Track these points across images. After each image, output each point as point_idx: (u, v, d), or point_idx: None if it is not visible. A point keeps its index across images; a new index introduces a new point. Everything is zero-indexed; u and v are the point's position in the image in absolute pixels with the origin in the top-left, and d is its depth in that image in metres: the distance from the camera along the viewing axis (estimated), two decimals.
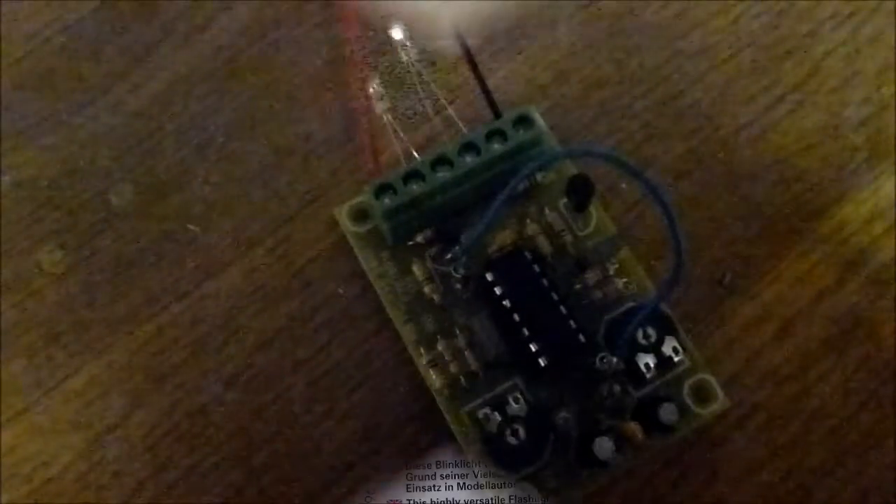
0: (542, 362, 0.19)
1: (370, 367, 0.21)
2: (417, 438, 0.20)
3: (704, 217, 0.22)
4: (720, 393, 0.20)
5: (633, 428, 0.19)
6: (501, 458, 0.19)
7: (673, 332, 0.20)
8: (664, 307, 0.20)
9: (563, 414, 0.20)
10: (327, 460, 0.20)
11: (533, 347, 0.19)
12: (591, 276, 0.21)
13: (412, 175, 0.20)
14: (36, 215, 0.22)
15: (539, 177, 0.22)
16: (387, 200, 0.20)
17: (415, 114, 0.22)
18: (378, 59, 0.23)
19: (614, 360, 0.19)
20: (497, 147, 0.20)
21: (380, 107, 0.22)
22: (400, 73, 0.22)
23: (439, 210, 0.21)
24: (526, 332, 0.20)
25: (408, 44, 0.23)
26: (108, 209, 0.22)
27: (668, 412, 0.19)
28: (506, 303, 0.20)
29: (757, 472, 0.20)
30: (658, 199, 0.16)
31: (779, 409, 0.20)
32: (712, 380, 0.20)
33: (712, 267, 0.22)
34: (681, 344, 0.20)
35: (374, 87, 0.22)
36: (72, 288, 0.22)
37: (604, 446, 0.18)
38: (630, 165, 0.17)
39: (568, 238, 0.21)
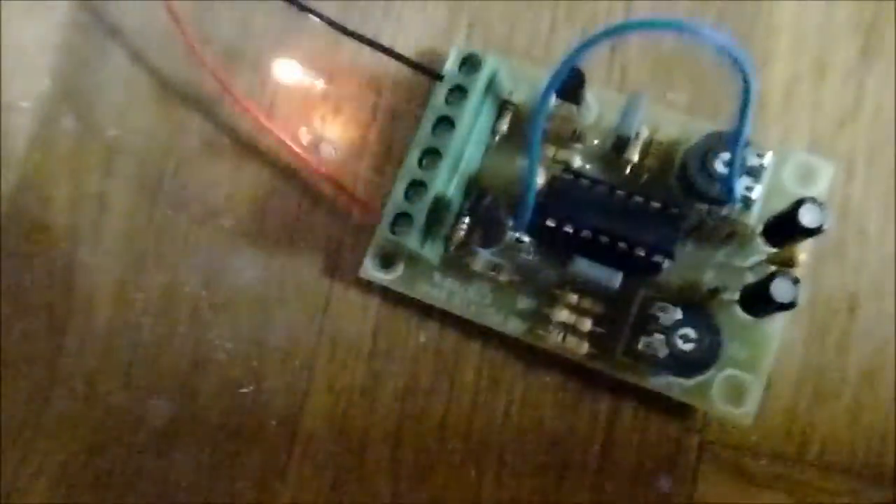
0: (659, 260, 0.18)
1: (507, 380, 0.19)
2: (616, 406, 0.19)
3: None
4: (818, 158, 0.18)
5: (791, 250, 0.17)
6: (692, 367, 0.18)
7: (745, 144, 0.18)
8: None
9: (710, 288, 0.18)
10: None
11: (641, 253, 0.18)
12: (633, 151, 0.19)
13: (411, 187, 0.18)
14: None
15: (514, 98, 0.19)
16: (405, 228, 0.18)
17: (357, 130, 0.20)
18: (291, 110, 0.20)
19: (734, 206, 0.17)
20: (465, 103, 0.18)
21: (325, 150, 0.19)
22: (315, 106, 0.20)
23: (455, 198, 0.19)
24: (623, 245, 0.18)
25: (299, 74, 0.20)
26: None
27: (783, 287, 0.17)
28: (585, 234, 0.18)
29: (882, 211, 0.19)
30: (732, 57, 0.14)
31: (863, 141, 0.19)
32: (803, 153, 0.19)
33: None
34: (755, 148, 0.18)
35: (306, 138, 0.20)
36: None
37: (783, 287, 0.16)
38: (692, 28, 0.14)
39: (587, 135, 0.19)
